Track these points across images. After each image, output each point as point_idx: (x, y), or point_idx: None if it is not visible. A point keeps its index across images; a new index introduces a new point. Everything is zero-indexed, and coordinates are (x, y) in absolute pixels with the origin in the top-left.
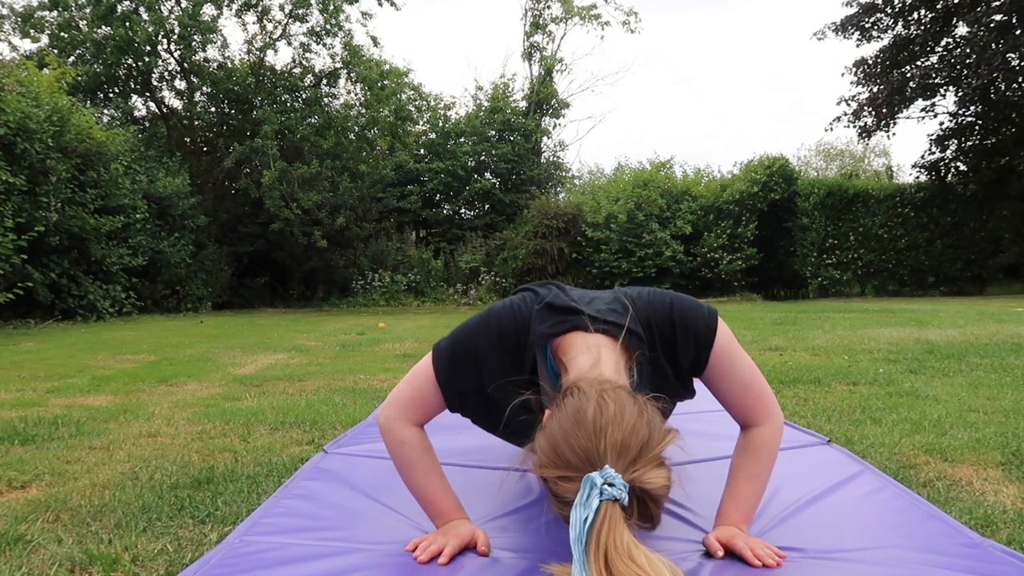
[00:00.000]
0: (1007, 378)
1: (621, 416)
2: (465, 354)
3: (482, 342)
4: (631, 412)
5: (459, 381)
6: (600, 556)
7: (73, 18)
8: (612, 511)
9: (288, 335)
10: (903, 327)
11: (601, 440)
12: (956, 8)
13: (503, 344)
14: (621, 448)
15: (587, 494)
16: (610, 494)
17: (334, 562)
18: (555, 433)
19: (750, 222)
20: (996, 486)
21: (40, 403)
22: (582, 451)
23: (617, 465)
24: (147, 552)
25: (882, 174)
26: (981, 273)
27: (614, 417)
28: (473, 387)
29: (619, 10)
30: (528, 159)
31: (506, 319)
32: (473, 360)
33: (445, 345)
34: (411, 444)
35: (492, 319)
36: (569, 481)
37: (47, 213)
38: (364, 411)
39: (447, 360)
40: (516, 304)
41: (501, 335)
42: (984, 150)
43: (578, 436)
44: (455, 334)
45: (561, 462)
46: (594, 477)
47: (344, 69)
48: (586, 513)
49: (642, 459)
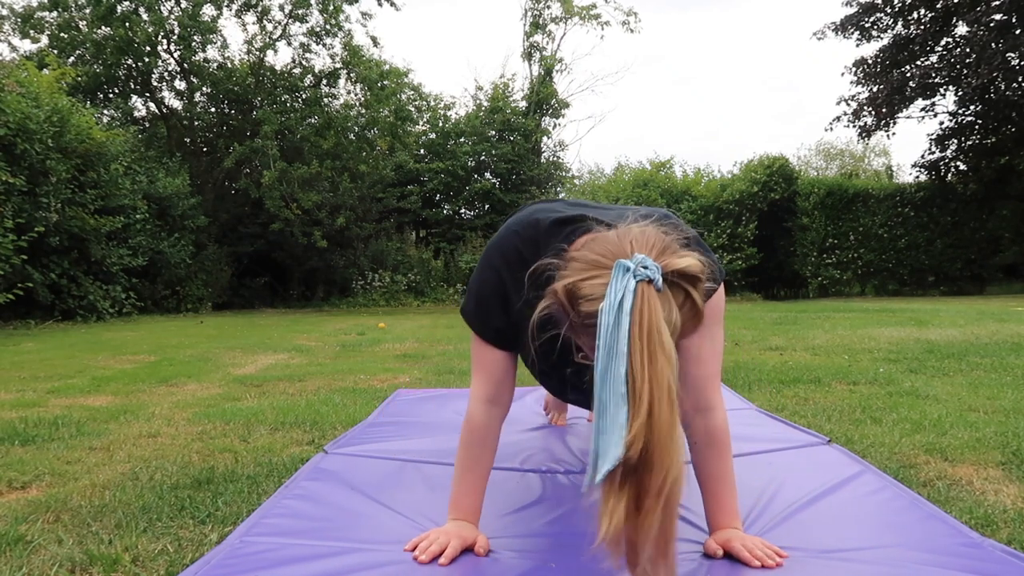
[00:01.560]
0: (1007, 378)
1: (643, 230)
2: (488, 296)
3: (496, 279)
4: (653, 228)
5: (493, 322)
6: (644, 337)
7: (73, 18)
8: (649, 293)
9: (288, 335)
10: (903, 327)
11: (626, 242)
12: (956, 8)
13: (514, 269)
14: (647, 245)
15: (621, 278)
16: (644, 275)
17: (334, 562)
18: (575, 254)
19: (750, 222)
20: (996, 486)
21: (40, 403)
22: (608, 251)
23: (648, 252)
24: (147, 552)
25: (882, 174)
26: (981, 273)
27: (638, 231)
28: (505, 323)
29: (619, 10)
30: (528, 159)
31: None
32: (496, 298)
33: (469, 303)
34: (473, 425)
35: (495, 254)
36: (597, 277)
37: (47, 213)
38: (364, 411)
39: (475, 311)
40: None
41: (509, 265)
42: (984, 150)
43: (603, 243)
44: (470, 287)
45: (587, 265)
46: (625, 262)
47: (344, 69)
48: (621, 295)
49: (669, 251)
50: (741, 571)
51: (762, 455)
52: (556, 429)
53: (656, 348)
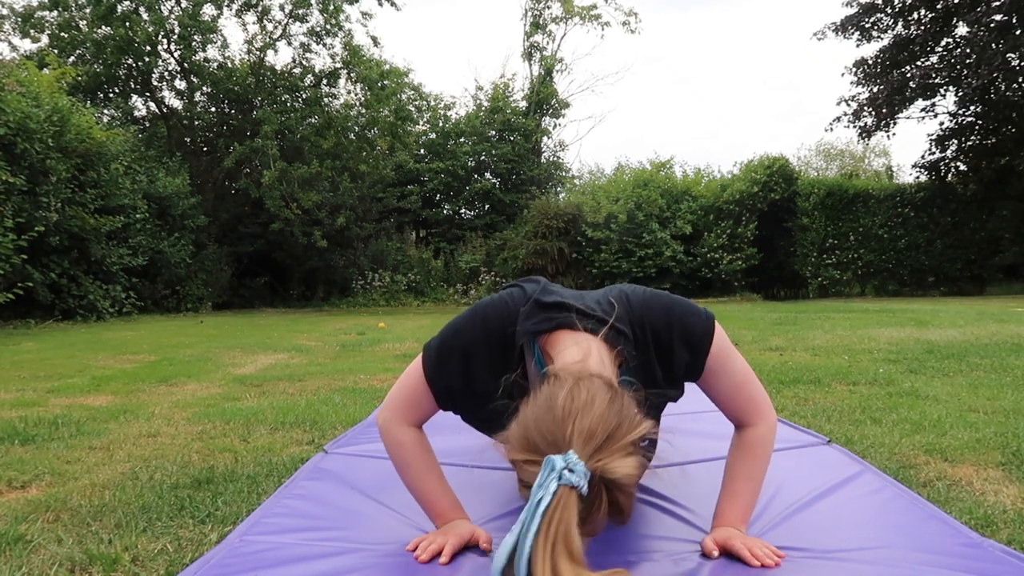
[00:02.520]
0: (1007, 378)
1: (591, 403)
2: (453, 351)
3: (469, 339)
4: (602, 400)
5: (448, 378)
6: (548, 545)
7: (73, 18)
8: (568, 499)
9: (288, 335)
10: (903, 327)
11: (568, 425)
12: (956, 8)
13: (490, 340)
14: (588, 435)
15: (546, 476)
16: (568, 480)
17: (334, 562)
18: (526, 418)
19: (750, 222)
20: (996, 486)
21: (40, 403)
22: (549, 435)
23: (582, 452)
24: (147, 552)
25: (882, 174)
26: (981, 273)
27: (584, 404)
28: (461, 384)
29: (619, 10)
30: (528, 159)
31: (493, 315)
32: (461, 357)
33: (434, 344)
34: (408, 445)
35: (479, 315)
36: (534, 464)
37: (47, 213)
38: (364, 411)
39: (435, 358)
40: (504, 300)
41: (488, 331)
42: (984, 150)
43: (547, 421)
44: (443, 332)
45: (528, 446)
46: (555, 460)
47: (344, 69)
48: (540, 494)
49: (608, 448)
50: (741, 571)
51: None
52: None
53: (559, 555)
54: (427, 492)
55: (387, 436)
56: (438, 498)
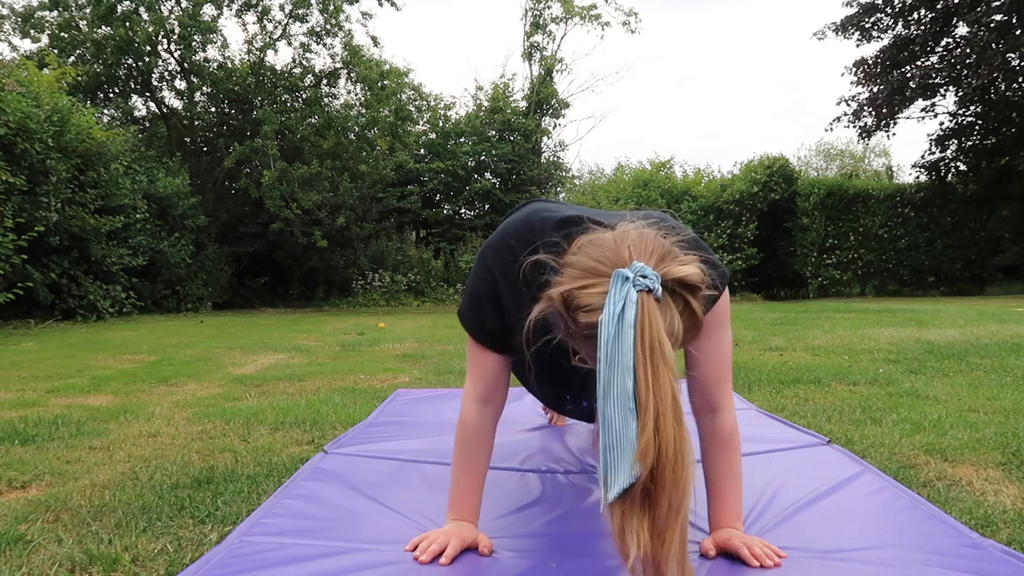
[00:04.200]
0: (1007, 378)
1: (641, 235)
2: (482, 298)
3: (489, 281)
4: (650, 232)
5: (487, 323)
6: (647, 350)
7: (73, 18)
8: (649, 304)
9: (288, 335)
10: (903, 327)
11: (624, 248)
12: (956, 8)
13: (509, 275)
14: (646, 251)
15: (620, 287)
16: (643, 285)
17: (334, 562)
18: (571, 259)
19: (750, 222)
20: (996, 486)
21: (40, 403)
22: (606, 259)
23: (647, 260)
24: (147, 552)
25: (882, 174)
26: (981, 273)
27: (636, 235)
28: (499, 326)
29: (619, 10)
30: (528, 159)
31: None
32: (491, 301)
33: (464, 305)
34: (468, 425)
35: (488, 256)
36: (595, 286)
37: (47, 213)
38: (364, 411)
39: (469, 314)
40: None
41: (503, 266)
42: (984, 150)
43: (601, 249)
44: (467, 287)
45: (584, 273)
46: (624, 271)
47: (344, 69)
48: (621, 304)
49: (669, 257)
50: (741, 571)
51: (762, 455)
52: (556, 429)
53: (659, 361)
54: (458, 482)
55: (460, 412)
56: (463, 494)
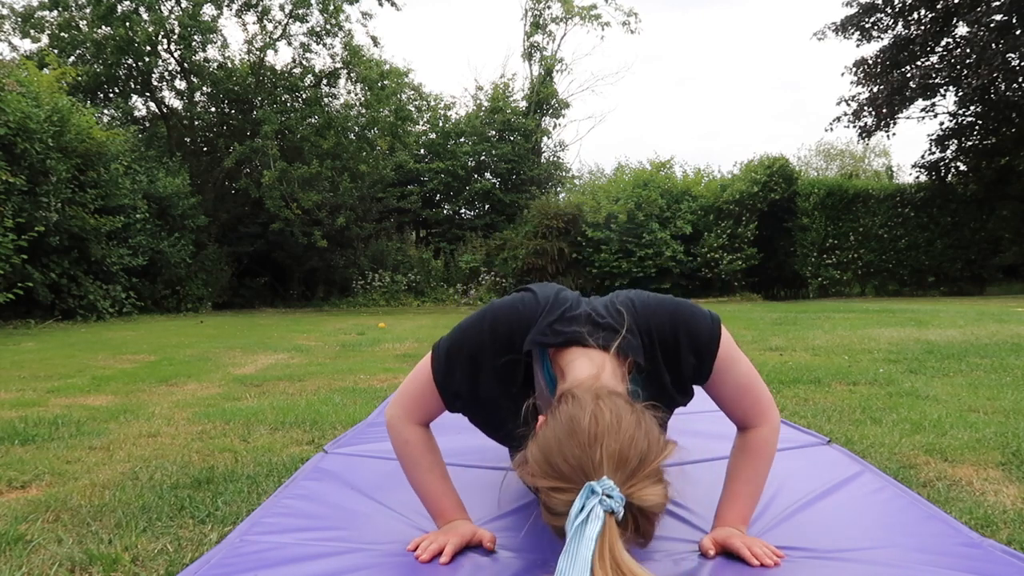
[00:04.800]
0: (1007, 378)
1: (618, 426)
2: (461, 355)
3: (477, 343)
4: (628, 421)
5: (455, 383)
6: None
7: (73, 18)
8: (611, 524)
9: (288, 335)
10: (903, 327)
11: (596, 450)
12: (956, 8)
13: (497, 346)
14: (619, 460)
15: (586, 505)
16: (608, 506)
17: (334, 562)
18: (548, 442)
19: (750, 222)
20: (996, 486)
21: (40, 403)
22: (576, 461)
23: (615, 477)
24: (147, 552)
25: (882, 174)
26: (981, 273)
27: (610, 427)
28: (468, 389)
29: (619, 10)
30: (528, 159)
31: (502, 320)
32: (469, 362)
33: (443, 346)
34: (414, 443)
35: (487, 319)
36: (562, 492)
37: (47, 213)
38: (364, 411)
39: (444, 361)
40: (515, 305)
41: (495, 336)
42: (984, 150)
43: (572, 446)
44: (452, 334)
45: (554, 472)
46: (593, 486)
47: (344, 69)
48: (585, 521)
49: (640, 473)
50: (741, 571)
51: None
52: None
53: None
54: (430, 491)
55: (394, 433)
56: (440, 498)
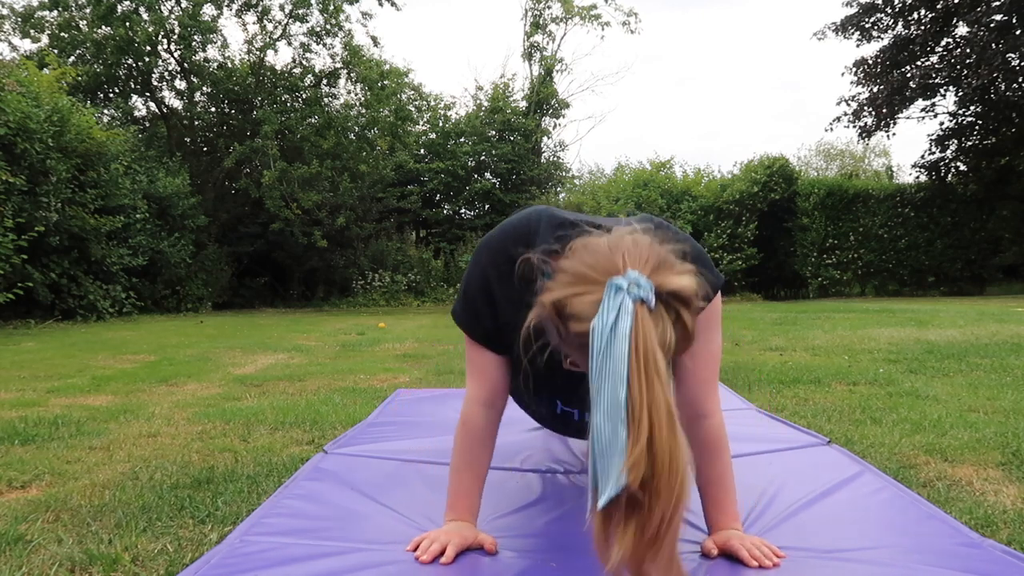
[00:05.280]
0: (1007, 378)
1: (636, 241)
2: (475, 294)
3: (482, 275)
4: (645, 239)
5: (483, 322)
6: (640, 361)
7: (73, 18)
8: (643, 315)
9: (288, 335)
10: (903, 327)
11: (619, 255)
12: (956, 8)
13: (501, 268)
14: (641, 258)
15: (614, 296)
16: (637, 295)
17: (334, 562)
18: (564, 264)
19: (750, 222)
20: (996, 486)
21: (40, 403)
22: (600, 266)
23: (640, 269)
24: (147, 552)
25: (882, 174)
26: (981, 273)
27: (631, 241)
28: (494, 325)
29: (619, 10)
30: (528, 159)
31: (497, 241)
32: (484, 297)
33: (457, 299)
34: (468, 428)
35: (484, 249)
36: (587, 294)
37: (47, 213)
38: (364, 411)
39: (463, 308)
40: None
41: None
42: (984, 150)
43: (594, 255)
44: (463, 282)
45: (577, 279)
46: (618, 280)
47: (344, 69)
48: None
49: (664, 267)
50: (740, 571)
51: (762, 455)
52: None
53: (653, 372)
54: (458, 482)
55: (462, 414)
56: (462, 494)
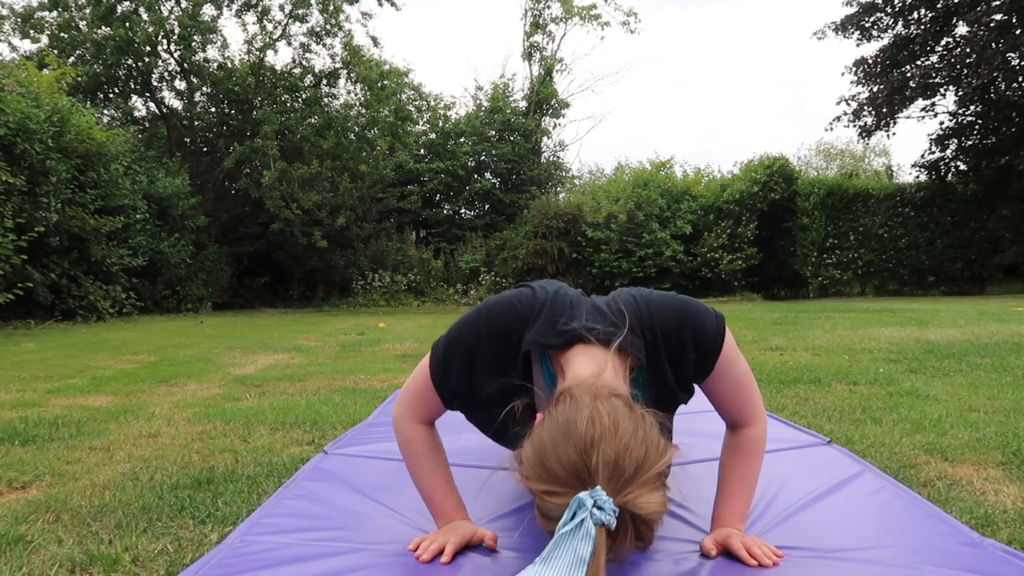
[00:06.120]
0: (1007, 378)
1: (615, 430)
2: (458, 352)
3: (473, 338)
4: (626, 426)
5: (452, 381)
6: None
7: (73, 18)
8: (602, 538)
9: (288, 335)
10: (903, 327)
11: (592, 456)
12: (956, 8)
13: (493, 341)
14: (614, 468)
15: (576, 516)
16: (598, 518)
17: (334, 562)
18: (544, 443)
19: (750, 222)
20: (996, 486)
21: (40, 403)
22: (571, 466)
23: (609, 486)
24: (147, 552)
25: (882, 174)
26: (981, 273)
27: (607, 431)
28: (464, 387)
29: (619, 10)
30: (528, 159)
31: (498, 315)
32: (465, 359)
33: (440, 344)
34: (417, 441)
35: (483, 315)
36: (556, 496)
37: (47, 213)
38: (364, 411)
39: (440, 360)
40: (511, 301)
41: (491, 331)
42: (984, 150)
43: (568, 449)
44: (450, 332)
45: (548, 476)
46: (583, 498)
47: (344, 69)
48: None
49: (636, 481)
50: (740, 571)
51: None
52: None
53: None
54: (431, 490)
55: (397, 431)
56: (441, 497)
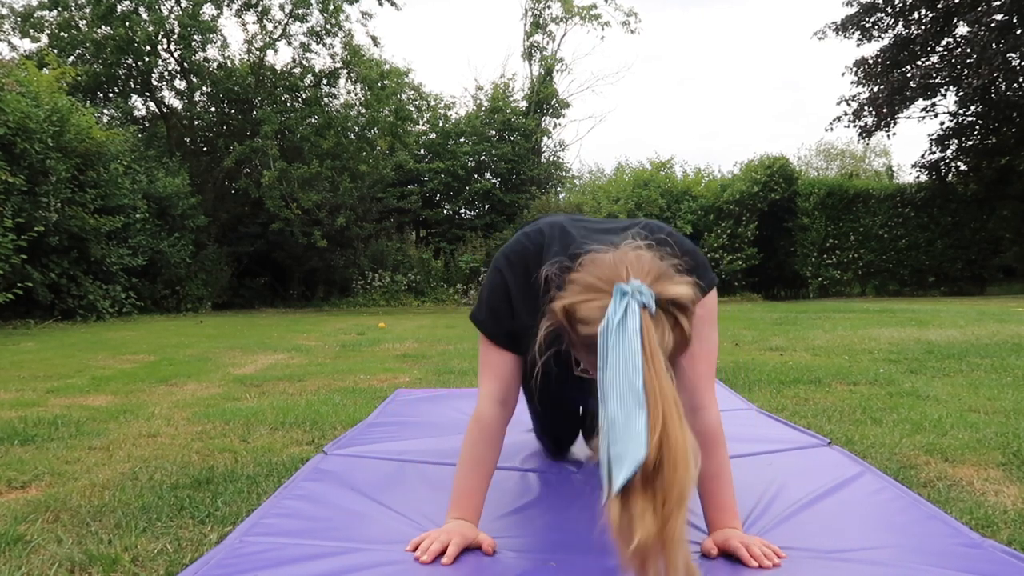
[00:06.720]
0: (1008, 378)
1: (639, 256)
2: (496, 300)
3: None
4: (647, 254)
5: (502, 323)
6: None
7: (73, 18)
8: (646, 317)
9: (288, 335)
10: (903, 327)
11: (622, 267)
12: (956, 8)
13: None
14: (643, 270)
15: (620, 300)
16: (639, 300)
17: (334, 562)
18: (574, 276)
19: (750, 222)
20: (996, 486)
21: (40, 403)
22: (605, 276)
23: (642, 279)
24: (147, 552)
25: (882, 174)
26: (981, 273)
27: (633, 256)
28: (511, 324)
29: (619, 10)
30: (528, 159)
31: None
32: (504, 298)
33: (478, 304)
34: (483, 424)
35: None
36: (594, 300)
37: (47, 213)
38: (364, 411)
39: (485, 313)
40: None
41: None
42: (984, 150)
43: (600, 268)
44: (481, 292)
45: (584, 288)
46: (623, 286)
47: (344, 69)
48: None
49: (664, 278)
50: (741, 571)
51: (762, 456)
52: None
53: (660, 366)
54: (464, 480)
55: (475, 411)
56: (468, 494)
